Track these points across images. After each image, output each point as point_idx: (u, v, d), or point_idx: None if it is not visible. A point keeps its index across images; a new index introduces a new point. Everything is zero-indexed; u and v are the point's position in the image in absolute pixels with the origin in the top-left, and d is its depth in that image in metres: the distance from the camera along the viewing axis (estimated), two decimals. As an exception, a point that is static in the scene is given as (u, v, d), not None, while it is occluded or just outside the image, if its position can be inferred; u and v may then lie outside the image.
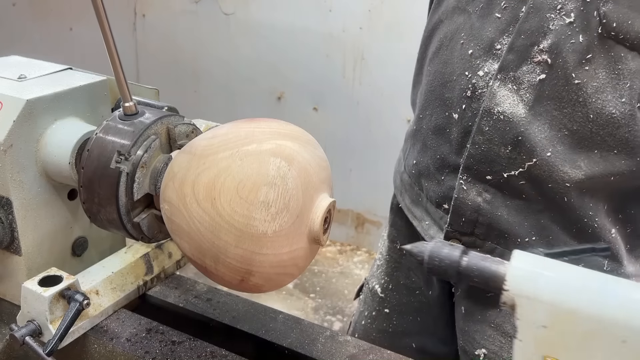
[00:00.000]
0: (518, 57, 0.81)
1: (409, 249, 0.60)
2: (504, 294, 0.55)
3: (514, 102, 0.82)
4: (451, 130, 0.91)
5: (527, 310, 0.54)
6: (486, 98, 0.84)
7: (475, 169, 0.88)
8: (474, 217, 0.91)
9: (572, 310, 0.52)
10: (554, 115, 0.80)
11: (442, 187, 0.95)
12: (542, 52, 0.79)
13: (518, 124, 0.82)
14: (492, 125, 0.84)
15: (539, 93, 0.81)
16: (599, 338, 0.52)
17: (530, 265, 0.55)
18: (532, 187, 0.85)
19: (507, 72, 0.82)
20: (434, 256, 0.59)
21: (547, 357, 0.54)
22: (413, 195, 1.06)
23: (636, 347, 0.51)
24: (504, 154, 0.85)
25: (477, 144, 0.86)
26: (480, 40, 0.86)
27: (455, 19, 0.91)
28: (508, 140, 0.84)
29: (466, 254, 0.58)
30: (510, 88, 0.82)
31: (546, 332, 0.54)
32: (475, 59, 0.86)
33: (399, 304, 1.15)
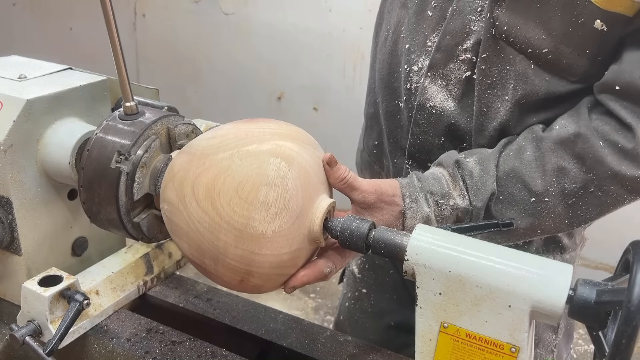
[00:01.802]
0: (445, 56, 0.87)
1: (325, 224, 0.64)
2: (405, 264, 0.60)
3: (444, 97, 0.89)
4: (401, 117, 0.97)
5: (424, 278, 0.59)
6: (419, 93, 0.91)
7: (416, 156, 0.96)
8: None
9: (462, 279, 0.58)
10: (478, 107, 0.87)
11: (395, 168, 1.02)
12: (466, 51, 0.85)
13: (449, 116, 0.89)
14: (425, 119, 0.91)
15: (466, 88, 0.87)
16: (488, 304, 0.57)
17: (428, 238, 0.60)
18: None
19: (435, 69, 0.89)
20: (345, 229, 0.65)
21: (444, 323, 0.60)
22: (373, 174, 1.11)
23: (520, 311, 0.56)
24: (438, 144, 0.92)
25: (415, 135, 0.94)
26: (416, 35, 0.91)
27: (397, 12, 0.96)
28: (441, 131, 0.91)
29: (374, 227, 0.65)
30: (440, 84, 0.89)
31: (442, 299, 0.59)
32: (412, 54, 0.92)
33: (375, 283, 1.20)
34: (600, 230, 2.63)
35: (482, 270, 0.57)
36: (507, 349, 0.57)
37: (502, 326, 0.57)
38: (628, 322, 0.48)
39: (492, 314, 0.57)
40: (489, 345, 0.58)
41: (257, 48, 3.10)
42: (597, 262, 2.64)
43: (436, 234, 0.61)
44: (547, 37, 0.79)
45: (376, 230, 0.64)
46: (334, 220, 0.66)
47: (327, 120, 3.04)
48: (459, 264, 0.58)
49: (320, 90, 3.00)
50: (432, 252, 0.59)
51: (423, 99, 0.90)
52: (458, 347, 0.59)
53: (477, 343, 0.59)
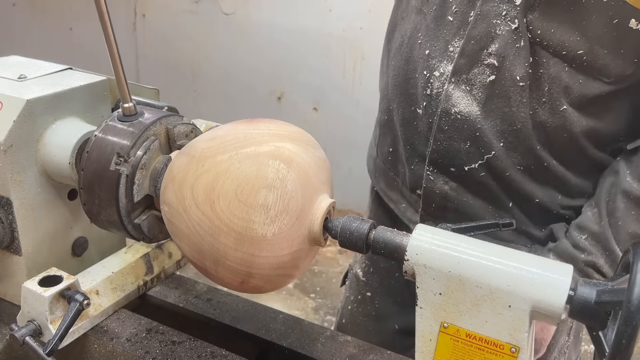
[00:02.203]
0: (469, 61, 0.87)
1: (325, 224, 0.65)
2: (405, 264, 0.60)
3: (469, 102, 0.89)
4: (418, 123, 0.97)
5: (424, 278, 0.60)
6: (443, 100, 0.90)
7: (439, 162, 0.96)
8: (443, 204, 0.98)
9: (462, 279, 0.58)
10: (504, 112, 0.87)
11: (413, 174, 1.02)
12: (491, 55, 0.85)
13: (474, 121, 0.89)
14: (450, 124, 0.91)
15: (490, 92, 0.87)
16: (488, 304, 0.57)
17: (428, 238, 0.60)
18: (492, 177, 0.93)
19: (459, 75, 0.89)
20: (345, 229, 0.65)
21: (444, 323, 0.60)
22: (388, 180, 1.11)
23: (521, 311, 0.56)
24: (463, 149, 0.92)
25: (438, 141, 0.94)
26: (436, 41, 0.91)
27: (413, 18, 0.96)
28: (466, 136, 0.91)
29: (374, 227, 0.65)
30: (464, 89, 0.89)
31: (442, 299, 0.59)
32: (432, 59, 0.91)
33: (380, 287, 1.20)
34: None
35: (482, 270, 0.57)
36: (507, 349, 0.57)
37: (502, 326, 0.57)
38: (628, 322, 0.48)
39: (492, 314, 0.57)
40: (489, 345, 0.58)
41: (257, 48, 3.10)
42: (597, 262, 2.64)
43: (436, 234, 0.61)
44: (581, 38, 0.79)
45: (376, 231, 0.64)
46: (334, 221, 0.66)
47: (327, 120, 3.04)
48: (459, 264, 0.58)
49: (320, 90, 3.00)
50: (432, 252, 0.59)
51: (447, 104, 0.90)
52: (458, 347, 0.59)
53: (477, 343, 0.59)
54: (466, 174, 0.93)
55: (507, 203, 0.95)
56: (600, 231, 0.86)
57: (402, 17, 1.00)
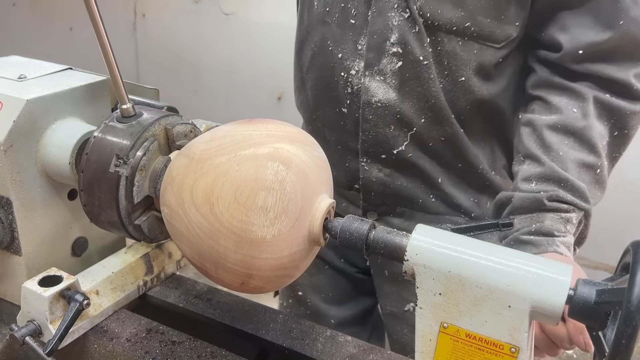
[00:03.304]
0: (376, 54, 0.97)
1: (324, 224, 0.66)
2: (405, 264, 0.60)
3: (385, 89, 0.99)
4: (344, 122, 1.06)
5: (424, 278, 0.59)
6: (363, 93, 1.00)
7: (370, 151, 1.05)
8: (381, 190, 1.08)
9: (462, 279, 0.58)
10: (418, 92, 0.97)
11: (349, 171, 1.10)
12: (394, 45, 0.95)
13: (393, 106, 0.99)
14: (374, 113, 1.01)
15: (401, 77, 0.97)
16: (488, 304, 0.57)
17: (428, 238, 0.60)
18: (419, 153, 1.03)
19: (372, 68, 0.98)
20: (345, 230, 0.65)
21: (443, 323, 0.60)
22: None
23: (520, 311, 0.56)
24: (389, 133, 1.01)
25: (366, 131, 1.03)
26: (345, 44, 1.01)
27: (319, 29, 1.04)
28: (390, 121, 1.00)
29: (374, 227, 0.65)
30: (379, 79, 0.98)
31: (442, 299, 0.59)
32: (345, 61, 1.01)
33: (310, 283, 1.24)
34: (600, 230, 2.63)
35: (482, 270, 0.57)
36: (507, 349, 0.57)
37: (502, 326, 0.57)
38: (628, 322, 0.48)
39: (492, 314, 0.57)
40: (488, 346, 0.58)
41: (257, 48, 3.10)
42: (597, 262, 2.64)
43: (436, 234, 0.61)
44: (465, 12, 0.91)
45: (376, 231, 0.64)
46: (333, 221, 0.66)
47: (327, 120, 3.04)
48: (458, 264, 0.58)
49: (320, 90, 2.99)
50: (431, 252, 0.59)
51: (367, 96, 1.00)
52: (458, 347, 0.59)
53: (477, 343, 0.59)
54: (396, 158, 1.03)
55: (437, 178, 1.05)
56: (545, 169, 0.90)
57: (307, 32, 1.08)
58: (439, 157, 1.04)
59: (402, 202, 1.09)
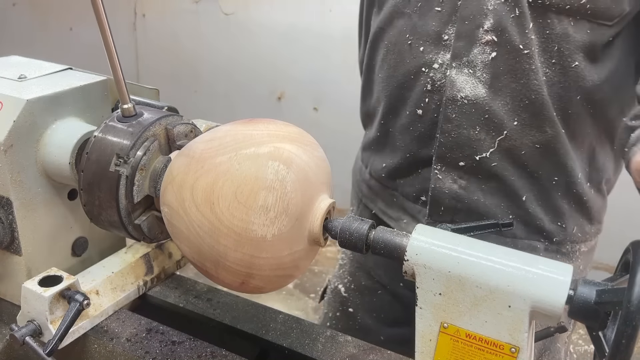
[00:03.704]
0: (467, 42, 0.86)
1: (325, 224, 0.65)
2: (405, 264, 0.60)
3: (474, 84, 0.87)
4: (415, 127, 0.95)
5: (424, 278, 0.59)
6: (447, 87, 0.88)
7: (448, 156, 0.93)
8: (452, 204, 0.95)
9: (462, 279, 0.57)
10: (513, 88, 0.85)
11: (417, 181, 0.99)
12: (488, 32, 0.84)
13: (482, 104, 0.87)
14: (458, 111, 0.89)
15: (494, 71, 0.86)
16: (488, 304, 0.57)
17: (428, 238, 0.60)
18: (505, 163, 0.90)
19: (460, 58, 0.87)
20: (345, 230, 0.64)
21: (444, 323, 0.60)
22: (387, 197, 1.08)
23: (520, 311, 0.56)
24: (473, 136, 0.90)
25: (446, 132, 0.90)
26: (427, 36, 0.90)
27: (395, 24, 0.94)
28: (476, 121, 0.89)
29: (374, 227, 0.64)
30: (467, 72, 0.87)
31: (442, 299, 0.59)
32: (427, 54, 0.90)
33: (362, 303, 1.18)
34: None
35: (482, 270, 0.57)
36: (507, 349, 0.57)
37: (502, 326, 0.57)
38: (628, 322, 0.48)
39: (492, 314, 0.57)
40: (488, 346, 0.58)
41: (257, 48, 3.11)
42: (597, 262, 2.64)
43: (436, 234, 0.61)
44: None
45: (376, 231, 0.64)
46: (333, 221, 0.66)
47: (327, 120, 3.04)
48: (458, 264, 0.58)
49: (320, 90, 3.00)
50: (431, 253, 0.59)
51: (453, 91, 0.88)
52: (458, 348, 0.59)
53: (477, 343, 0.59)
54: (477, 166, 0.91)
55: (521, 195, 0.92)
56: None
57: (381, 29, 0.98)
58: (530, 169, 0.91)
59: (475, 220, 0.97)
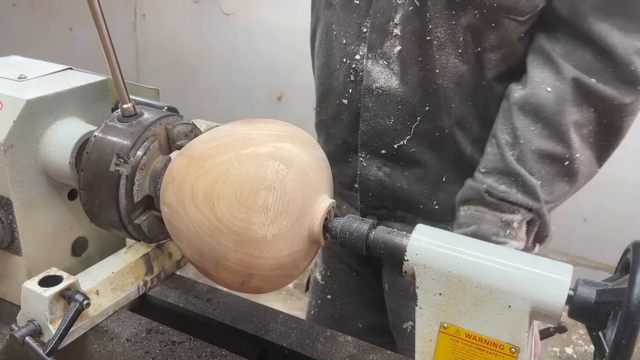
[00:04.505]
0: (379, 35, 0.89)
1: (325, 224, 0.65)
2: (405, 264, 0.61)
3: (388, 75, 0.90)
4: (344, 115, 0.98)
5: (424, 278, 0.60)
6: (364, 77, 0.92)
7: (370, 144, 0.96)
8: (379, 191, 0.99)
9: (462, 279, 0.58)
10: (421, 77, 0.88)
11: (349, 168, 1.02)
12: (397, 25, 0.87)
13: (395, 94, 0.90)
14: (374, 101, 0.92)
15: (402, 62, 0.88)
16: (488, 304, 0.57)
17: (428, 238, 0.60)
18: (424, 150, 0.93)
19: (374, 50, 0.90)
20: (345, 230, 0.65)
21: (444, 323, 0.60)
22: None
23: (520, 311, 0.56)
24: (389, 125, 0.93)
25: (366, 121, 0.94)
26: (349, 28, 0.93)
27: (326, 14, 0.97)
28: (390, 111, 0.92)
29: (374, 228, 0.65)
30: (382, 64, 0.90)
31: (442, 300, 0.59)
32: (349, 45, 0.93)
33: (339, 288, 1.20)
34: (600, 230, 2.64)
35: (482, 270, 0.57)
36: (507, 349, 0.57)
37: (502, 326, 0.57)
38: (628, 322, 0.48)
39: (492, 314, 0.57)
40: (488, 346, 0.58)
41: (257, 48, 3.10)
42: (597, 262, 2.64)
43: (436, 234, 0.61)
44: None
45: (376, 231, 0.64)
46: (334, 221, 0.66)
47: (327, 120, 3.04)
48: (458, 264, 0.58)
49: (320, 90, 2.99)
50: (431, 253, 0.59)
51: (369, 81, 0.92)
52: (458, 348, 0.59)
53: (477, 343, 0.59)
54: (397, 154, 0.94)
55: (441, 177, 0.96)
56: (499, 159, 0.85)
57: (317, 18, 1.01)
58: (445, 151, 0.94)
59: (402, 205, 1.00)
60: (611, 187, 2.36)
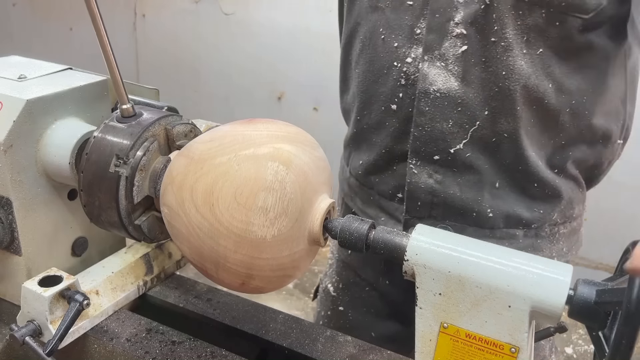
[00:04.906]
0: (438, 36, 0.86)
1: (325, 224, 0.65)
2: (405, 264, 0.60)
3: (446, 77, 0.88)
4: (390, 122, 0.95)
5: (424, 278, 0.60)
6: (420, 80, 0.89)
7: (422, 150, 0.93)
8: (429, 199, 0.95)
9: (462, 279, 0.58)
10: (483, 78, 0.86)
11: (393, 178, 0.99)
12: (458, 25, 0.84)
13: (454, 96, 0.88)
14: (430, 105, 0.89)
15: (465, 63, 0.86)
16: (488, 304, 0.57)
17: (428, 238, 0.60)
18: (479, 155, 0.91)
19: (432, 51, 0.87)
20: (345, 230, 0.64)
21: (443, 323, 0.60)
22: (364, 196, 1.08)
23: (520, 311, 0.56)
24: (446, 129, 0.90)
25: (420, 126, 0.91)
26: (400, 30, 0.90)
27: (370, 18, 0.94)
28: (449, 114, 0.89)
29: (374, 228, 0.64)
30: (439, 65, 0.87)
31: (442, 300, 0.59)
32: (400, 48, 0.90)
33: (352, 300, 1.18)
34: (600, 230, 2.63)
35: (482, 270, 0.57)
36: (507, 349, 0.57)
37: (502, 326, 0.57)
38: (628, 322, 0.48)
39: (492, 314, 0.57)
40: (488, 346, 0.58)
41: (257, 48, 3.10)
42: (597, 262, 2.64)
43: (436, 234, 0.61)
44: None
45: (376, 231, 0.64)
46: (333, 221, 0.66)
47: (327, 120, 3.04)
48: (458, 264, 0.58)
49: (320, 90, 3.00)
50: (431, 253, 0.59)
51: (425, 84, 0.89)
52: (458, 348, 0.59)
53: (477, 343, 0.59)
54: (452, 159, 0.91)
55: (495, 183, 0.92)
56: None
57: (356, 23, 0.98)
58: (500, 157, 0.91)
59: (453, 214, 0.95)
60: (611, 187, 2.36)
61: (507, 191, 0.93)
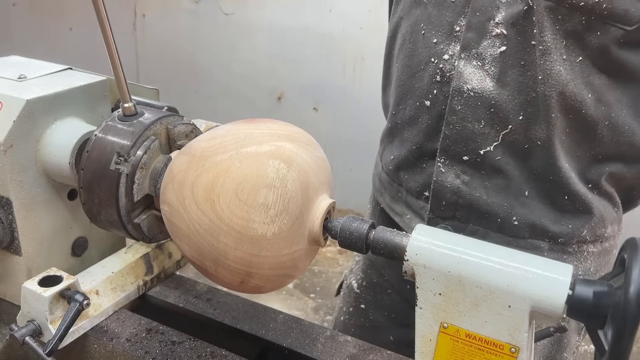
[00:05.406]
0: (477, 34, 0.85)
1: (325, 224, 0.64)
2: (405, 264, 0.60)
3: (481, 77, 0.86)
4: (423, 119, 0.94)
5: (424, 278, 0.59)
6: (454, 78, 0.87)
7: (451, 149, 0.91)
8: (454, 200, 0.93)
9: (462, 279, 0.58)
10: (520, 82, 0.84)
11: (422, 175, 0.98)
12: (498, 25, 0.82)
13: (488, 97, 0.86)
14: (463, 104, 0.88)
15: (502, 64, 0.84)
16: (488, 304, 0.57)
17: (428, 238, 0.60)
18: (509, 159, 0.89)
19: (469, 50, 0.86)
20: (345, 229, 0.64)
21: (443, 323, 0.60)
22: (392, 192, 1.08)
23: (520, 311, 0.56)
24: (478, 129, 0.88)
25: (451, 124, 0.90)
26: (440, 26, 0.89)
27: (413, 13, 0.94)
28: (481, 115, 0.87)
29: (374, 227, 0.64)
30: (476, 65, 0.86)
31: (442, 299, 0.59)
32: (439, 45, 0.90)
33: (374, 300, 1.18)
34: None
35: (482, 270, 0.57)
36: (507, 349, 0.57)
37: (502, 326, 0.57)
38: (626, 320, 0.48)
39: (492, 314, 0.57)
40: (488, 346, 0.58)
41: (257, 48, 3.11)
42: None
43: (436, 234, 0.61)
44: None
45: (376, 231, 0.64)
46: (333, 221, 0.66)
47: (327, 120, 3.04)
48: (458, 264, 0.58)
49: (320, 90, 3.00)
50: (431, 252, 0.59)
51: (459, 82, 0.87)
52: (458, 348, 0.60)
53: (477, 343, 0.59)
54: (481, 161, 0.89)
55: (524, 191, 0.90)
56: None
57: (400, 18, 0.98)
58: (531, 165, 0.89)
59: (477, 217, 0.93)
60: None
61: (535, 201, 0.91)
